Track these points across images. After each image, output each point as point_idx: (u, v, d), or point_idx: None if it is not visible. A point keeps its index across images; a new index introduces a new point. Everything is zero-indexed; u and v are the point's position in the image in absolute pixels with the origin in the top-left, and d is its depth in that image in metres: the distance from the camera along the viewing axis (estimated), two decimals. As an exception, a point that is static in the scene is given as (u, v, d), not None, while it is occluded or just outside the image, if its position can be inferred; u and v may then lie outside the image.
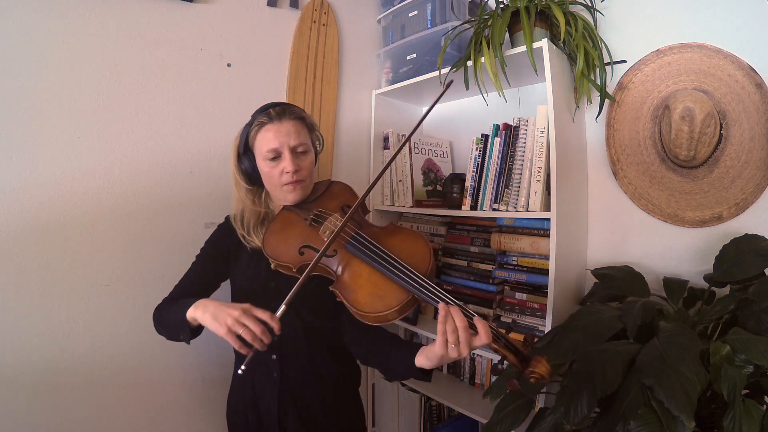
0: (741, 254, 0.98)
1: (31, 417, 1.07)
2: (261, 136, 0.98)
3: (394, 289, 0.80)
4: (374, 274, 0.83)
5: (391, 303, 0.79)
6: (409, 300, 0.79)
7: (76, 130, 1.12)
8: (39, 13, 1.07)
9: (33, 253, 1.07)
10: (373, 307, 0.79)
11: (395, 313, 0.79)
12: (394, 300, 0.79)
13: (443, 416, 1.64)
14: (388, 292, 0.80)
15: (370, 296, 0.81)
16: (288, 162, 0.96)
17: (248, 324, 0.76)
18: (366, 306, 0.80)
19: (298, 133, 0.99)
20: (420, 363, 0.84)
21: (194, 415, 1.34)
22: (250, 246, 1.03)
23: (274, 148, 0.96)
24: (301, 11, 1.52)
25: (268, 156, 0.97)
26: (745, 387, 0.78)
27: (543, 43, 1.18)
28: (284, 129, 0.97)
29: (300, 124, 1.01)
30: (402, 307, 0.79)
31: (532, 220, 1.35)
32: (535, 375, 0.73)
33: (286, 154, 0.96)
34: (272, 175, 0.98)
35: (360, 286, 0.83)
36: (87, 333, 1.15)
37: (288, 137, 0.97)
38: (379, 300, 0.80)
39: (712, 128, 1.10)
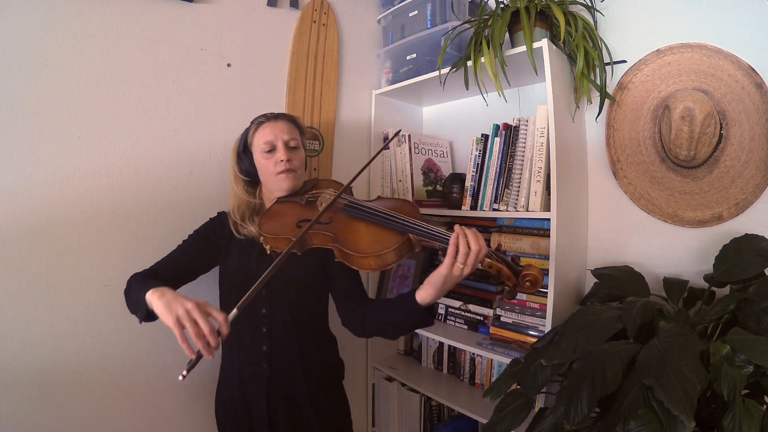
0: (741, 254, 0.98)
1: (30, 417, 1.07)
2: (259, 132, 1.10)
3: (390, 233, 0.90)
4: (371, 226, 0.93)
5: (390, 243, 0.87)
6: (405, 241, 0.88)
7: (76, 130, 1.12)
8: (39, 12, 1.07)
9: (33, 253, 1.07)
10: (372, 248, 0.87)
11: (393, 253, 0.86)
12: (392, 241, 0.88)
13: (443, 416, 1.64)
14: (386, 236, 0.90)
15: (370, 242, 0.89)
16: (282, 152, 1.07)
17: (198, 320, 0.74)
18: (367, 248, 0.88)
19: (290, 130, 1.11)
20: (422, 296, 0.89)
21: (194, 415, 1.34)
22: (243, 235, 1.10)
23: (269, 140, 1.07)
24: (301, 11, 1.52)
25: (265, 148, 1.07)
26: (745, 387, 0.77)
27: (543, 43, 1.18)
28: (279, 126, 1.10)
29: (292, 124, 1.13)
30: (400, 247, 0.87)
31: (532, 220, 1.35)
32: (529, 278, 0.83)
33: (280, 145, 1.08)
34: (268, 165, 1.08)
35: (359, 237, 0.91)
36: (87, 333, 1.15)
37: (282, 132, 1.09)
38: (379, 243, 0.88)
39: (712, 128, 1.10)
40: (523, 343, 1.30)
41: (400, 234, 0.89)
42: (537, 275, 0.82)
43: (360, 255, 0.87)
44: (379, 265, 0.88)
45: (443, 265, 0.84)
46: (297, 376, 1.07)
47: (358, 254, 0.87)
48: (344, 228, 0.94)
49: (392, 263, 0.88)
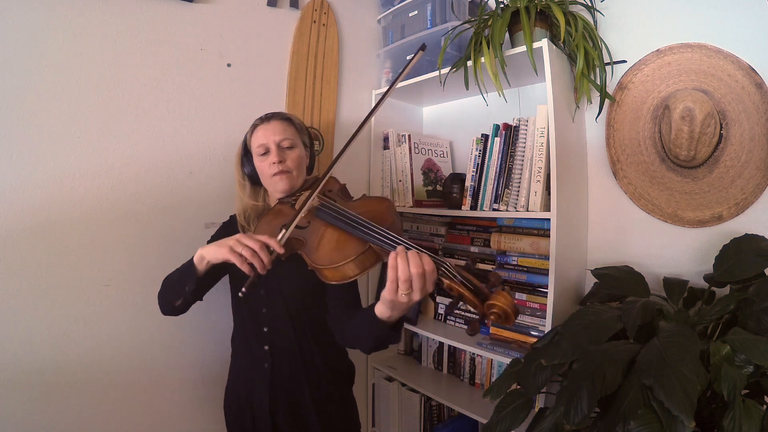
0: (741, 254, 0.98)
1: (30, 417, 1.07)
2: (254, 136, 1.11)
3: (352, 242, 0.82)
4: (336, 232, 0.87)
5: (348, 253, 0.79)
6: (366, 251, 0.79)
7: (76, 130, 1.12)
8: (39, 12, 1.07)
9: (33, 253, 1.07)
10: (330, 259, 0.80)
11: (353, 264, 0.79)
12: (352, 251, 0.80)
13: (443, 416, 1.64)
14: (347, 245, 0.82)
15: (330, 250, 0.83)
16: (273, 154, 1.07)
17: (248, 243, 0.82)
18: (324, 259, 0.81)
19: (283, 130, 1.10)
20: (379, 312, 0.80)
21: (194, 415, 1.34)
22: None
23: (262, 143, 1.08)
24: (301, 11, 1.52)
25: (259, 152, 1.08)
26: (745, 387, 0.77)
27: (543, 43, 1.18)
28: (270, 127, 1.09)
29: (286, 123, 1.12)
30: (359, 258, 0.78)
31: (532, 220, 1.35)
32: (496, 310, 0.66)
33: (272, 147, 1.07)
34: (263, 168, 1.08)
35: (323, 245, 0.86)
36: (87, 333, 1.15)
37: (273, 134, 1.08)
38: (337, 252, 0.81)
39: (712, 128, 1.10)
40: (523, 343, 1.30)
41: (362, 242, 0.80)
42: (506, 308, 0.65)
43: (318, 266, 0.80)
44: (338, 278, 0.79)
45: (386, 289, 0.72)
46: (299, 378, 1.07)
47: (316, 265, 0.81)
48: (316, 234, 0.88)
49: (354, 276, 0.79)
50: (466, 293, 0.69)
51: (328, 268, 0.80)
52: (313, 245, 0.87)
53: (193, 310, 1.30)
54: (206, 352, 1.34)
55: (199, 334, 1.33)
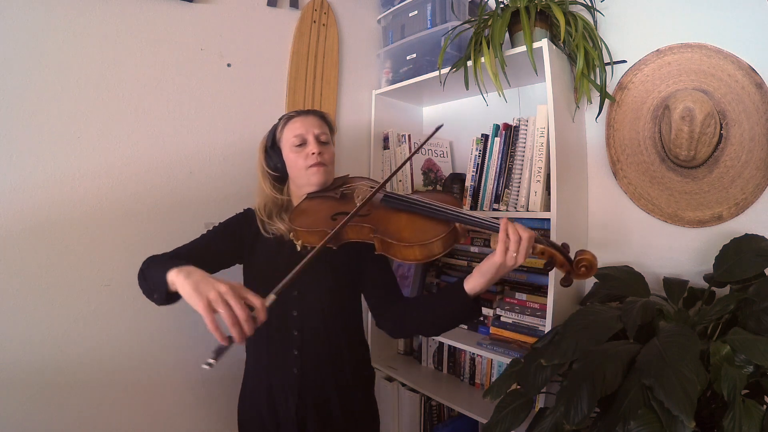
0: (741, 254, 0.98)
1: (30, 417, 1.07)
2: (288, 127, 1.08)
3: (436, 223, 0.87)
4: (413, 217, 0.90)
5: (436, 232, 0.84)
6: (451, 230, 0.85)
7: (76, 130, 1.12)
8: (39, 12, 1.07)
9: (33, 253, 1.07)
10: (419, 237, 0.84)
11: (440, 243, 0.84)
12: (438, 230, 0.85)
13: (443, 416, 1.64)
14: (431, 227, 0.86)
15: (415, 231, 0.86)
16: (313, 145, 1.04)
17: (233, 304, 0.67)
18: (412, 237, 0.84)
19: (321, 125, 1.09)
20: (471, 285, 0.85)
21: (194, 415, 1.34)
22: (271, 233, 1.06)
23: (300, 133, 1.05)
24: (301, 11, 1.52)
25: (295, 142, 1.05)
26: (745, 387, 0.77)
27: (543, 43, 1.18)
28: (309, 120, 1.08)
29: (322, 120, 1.11)
30: (447, 236, 0.84)
31: (532, 220, 1.34)
32: (584, 262, 0.81)
33: (311, 139, 1.05)
34: (297, 160, 1.05)
35: (402, 227, 0.88)
36: (87, 333, 1.15)
37: (313, 126, 1.07)
38: (424, 233, 0.85)
39: (712, 128, 1.10)
40: (523, 343, 1.30)
41: (446, 223, 0.86)
42: (592, 260, 0.81)
43: (405, 245, 0.83)
44: (425, 255, 0.84)
45: (496, 254, 0.81)
46: (328, 382, 1.02)
47: (402, 244, 0.84)
48: (385, 219, 0.91)
49: (438, 254, 0.85)
50: (557, 253, 0.82)
51: (416, 245, 0.83)
52: (388, 228, 0.88)
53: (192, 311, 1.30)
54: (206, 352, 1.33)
55: (200, 334, 1.33)
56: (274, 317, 1.00)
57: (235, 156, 1.39)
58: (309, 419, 1.00)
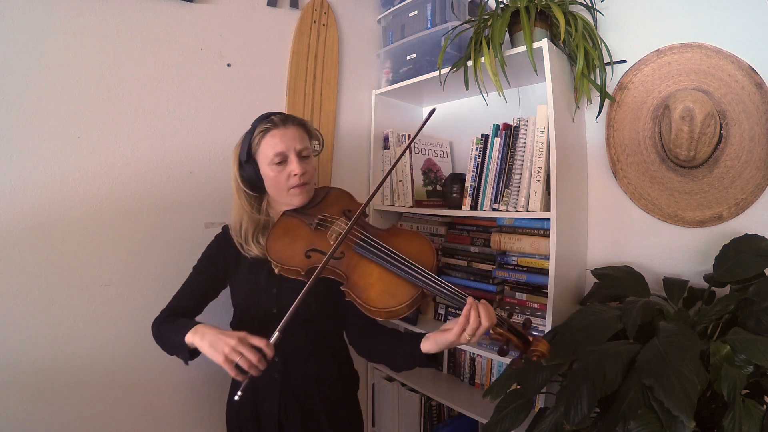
0: (741, 254, 0.98)
1: (30, 417, 1.07)
2: (266, 141, 0.98)
3: (404, 286, 0.85)
4: (384, 272, 0.87)
5: (402, 299, 0.83)
6: (418, 295, 0.84)
7: (76, 130, 1.12)
8: (39, 12, 1.07)
9: (33, 253, 1.07)
10: (385, 303, 0.83)
11: (406, 307, 0.84)
12: (406, 295, 0.84)
13: (443, 416, 1.64)
14: (399, 289, 0.85)
15: (382, 293, 0.85)
16: (295, 165, 0.98)
17: (245, 353, 0.78)
18: (379, 302, 0.84)
19: (302, 137, 1.01)
20: (426, 348, 0.88)
21: (194, 415, 1.34)
22: (249, 255, 1.03)
23: (281, 151, 0.97)
24: (301, 11, 1.52)
25: (275, 160, 0.97)
26: (745, 387, 0.77)
27: (543, 43, 1.18)
28: (289, 134, 0.99)
29: (302, 130, 1.03)
30: (412, 302, 0.84)
31: (532, 220, 1.35)
32: (537, 353, 0.80)
33: (293, 157, 0.98)
34: (279, 179, 0.99)
35: (371, 284, 0.86)
36: (87, 333, 1.15)
37: (294, 141, 0.99)
38: (391, 297, 0.84)
39: (712, 128, 1.10)
40: (523, 343, 1.30)
41: (414, 287, 0.85)
42: (545, 352, 0.80)
43: (371, 308, 0.84)
44: (388, 317, 0.86)
45: (452, 333, 0.81)
46: (311, 389, 1.03)
47: (368, 306, 0.84)
48: (356, 268, 0.89)
49: (402, 315, 0.86)
50: (513, 338, 0.81)
51: (382, 311, 0.83)
52: (356, 282, 0.87)
53: (193, 310, 1.30)
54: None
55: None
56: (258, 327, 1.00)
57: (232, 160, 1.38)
58: (291, 422, 1.02)
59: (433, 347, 0.87)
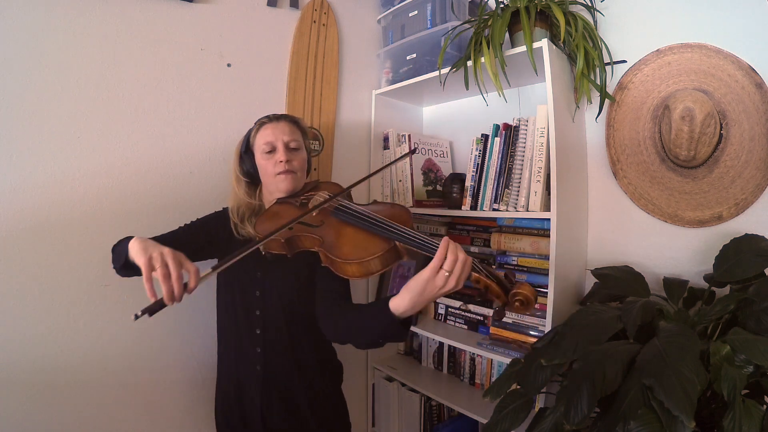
0: (741, 254, 0.98)
1: (30, 417, 1.07)
2: (260, 133, 1.10)
3: (376, 239, 0.86)
4: (358, 231, 0.90)
5: (374, 249, 0.83)
6: (391, 248, 0.83)
7: (76, 130, 1.12)
8: (39, 12, 1.07)
9: (33, 253, 1.07)
10: (356, 254, 0.83)
11: (377, 260, 0.82)
12: (377, 247, 0.83)
13: (443, 416, 1.64)
14: (371, 243, 0.85)
15: (354, 247, 0.86)
16: (281, 153, 1.07)
17: (169, 264, 0.74)
18: (349, 254, 0.84)
19: (292, 131, 1.11)
20: (395, 303, 0.79)
21: (194, 414, 1.33)
22: (242, 236, 1.09)
23: (269, 141, 1.08)
24: (301, 11, 1.52)
25: (265, 149, 1.07)
26: (745, 387, 0.77)
27: (543, 43, 1.18)
28: (280, 127, 1.10)
29: (294, 125, 1.13)
30: (384, 254, 0.82)
31: (532, 220, 1.35)
32: (519, 297, 0.75)
33: (280, 146, 1.07)
34: (267, 166, 1.08)
35: (344, 243, 0.88)
36: (87, 333, 1.15)
37: (282, 133, 1.09)
38: (362, 249, 0.84)
39: (712, 128, 1.10)
40: (523, 343, 1.30)
41: (386, 241, 0.84)
42: (528, 295, 0.75)
43: (343, 261, 0.83)
44: (362, 272, 0.83)
45: (426, 268, 0.77)
46: (292, 379, 1.07)
47: (341, 260, 0.83)
48: (332, 232, 0.92)
49: (376, 271, 0.83)
50: (492, 284, 0.77)
51: (353, 262, 0.82)
52: (332, 242, 0.89)
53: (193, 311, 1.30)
54: (205, 352, 1.34)
55: (199, 334, 1.33)
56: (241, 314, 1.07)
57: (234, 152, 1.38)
58: (274, 413, 1.05)
59: (403, 299, 0.78)
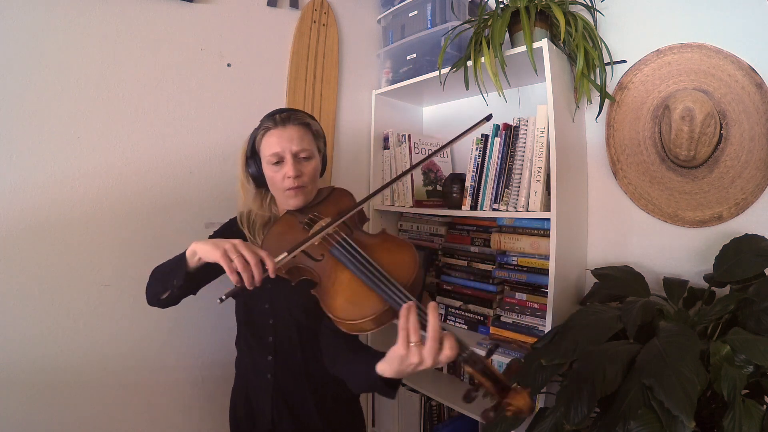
0: (741, 254, 0.98)
1: (30, 417, 1.07)
2: (265, 140, 0.99)
3: (371, 298, 0.77)
4: (354, 281, 0.81)
5: (365, 312, 0.76)
6: (385, 311, 0.75)
7: (76, 130, 1.12)
8: (39, 12, 1.07)
9: (33, 253, 1.07)
10: (348, 313, 0.77)
11: (370, 322, 0.76)
12: (369, 309, 0.76)
13: (443, 416, 1.64)
14: (365, 301, 0.77)
15: (347, 302, 0.79)
16: (289, 167, 0.96)
17: (245, 252, 0.77)
18: (341, 312, 0.78)
19: (301, 139, 0.99)
20: (381, 368, 0.75)
21: (194, 415, 1.34)
22: None
23: (276, 152, 0.97)
24: (301, 11, 1.52)
25: (271, 160, 0.98)
26: (745, 387, 0.77)
27: (543, 43, 1.18)
28: (287, 134, 0.97)
29: (304, 130, 1.00)
30: (378, 317, 0.75)
31: (532, 220, 1.35)
32: (512, 408, 0.66)
33: (288, 158, 0.97)
34: (275, 179, 0.99)
35: (338, 291, 0.81)
36: (87, 333, 1.15)
37: (290, 143, 0.97)
38: (355, 307, 0.78)
39: (712, 128, 1.10)
40: (523, 343, 1.30)
41: (382, 302, 0.76)
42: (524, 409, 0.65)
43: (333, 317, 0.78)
44: (351, 330, 0.78)
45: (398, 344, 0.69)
46: (303, 388, 1.01)
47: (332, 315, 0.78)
48: (330, 273, 0.84)
49: (369, 330, 0.77)
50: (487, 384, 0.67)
51: (344, 322, 0.77)
52: (327, 288, 0.82)
53: (193, 310, 1.30)
54: (206, 352, 1.34)
55: (199, 334, 1.33)
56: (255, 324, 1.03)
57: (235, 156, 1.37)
58: (285, 423, 1.00)
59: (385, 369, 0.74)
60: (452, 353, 0.66)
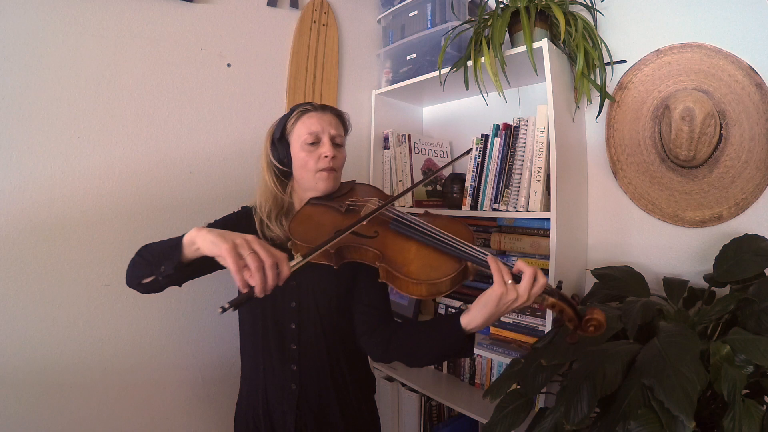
0: (741, 254, 0.98)
1: (30, 417, 1.07)
2: (302, 121, 0.98)
3: (446, 259, 0.80)
4: (423, 248, 0.83)
5: (446, 271, 0.78)
6: (462, 268, 0.78)
7: (76, 130, 1.12)
8: (39, 12, 1.07)
9: (33, 253, 1.07)
10: (427, 274, 0.78)
11: (450, 281, 0.78)
12: (449, 268, 0.78)
13: (443, 416, 1.64)
14: (441, 262, 0.80)
15: (423, 266, 0.80)
16: (328, 147, 0.96)
17: (258, 250, 0.65)
18: (419, 274, 0.78)
19: (337, 125, 1.02)
20: (467, 320, 0.79)
21: (194, 415, 1.34)
22: (268, 238, 0.97)
23: (315, 131, 0.96)
24: (301, 11, 1.52)
25: (308, 140, 0.96)
26: (745, 387, 0.77)
27: (543, 43, 1.18)
28: (327, 118, 1.00)
29: (339, 120, 1.04)
30: (456, 276, 0.78)
31: (532, 220, 1.35)
32: (593, 322, 0.74)
33: (326, 140, 0.97)
34: (308, 160, 0.96)
35: (410, 260, 0.81)
36: (87, 333, 1.15)
37: (330, 126, 0.99)
38: (434, 269, 0.79)
39: (712, 128, 1.10)
40: (523, 343, 1.30)
41: (457, 261, 0.79)
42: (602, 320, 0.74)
43: (411, 280, 0.77)
44: (431, 293, 0.78)
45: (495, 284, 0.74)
46: (328, 395, 0.97)
47: (408, 279, 0.77)
48: (392, 246, 0.84)
49: (445, 292, 0.78)
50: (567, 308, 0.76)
51: (423, 282, 0.77)
52: (395, 258, 0.81)
53: (193, 310, 1.30)
54: (206, 352, 1.34)
55: (199, 334, 1.33)
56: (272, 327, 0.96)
57: (235, 156, 1.39)
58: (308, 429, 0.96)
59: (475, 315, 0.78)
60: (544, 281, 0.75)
